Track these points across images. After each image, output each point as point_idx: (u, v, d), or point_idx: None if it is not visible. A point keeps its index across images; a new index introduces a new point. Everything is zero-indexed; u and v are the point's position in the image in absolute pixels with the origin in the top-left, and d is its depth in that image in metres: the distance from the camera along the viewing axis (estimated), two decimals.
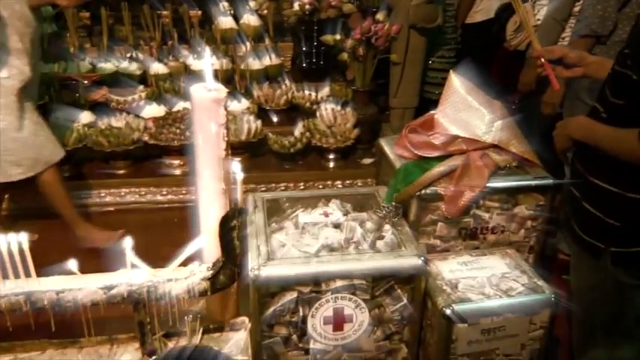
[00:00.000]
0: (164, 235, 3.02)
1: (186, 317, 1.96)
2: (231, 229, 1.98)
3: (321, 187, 3.52)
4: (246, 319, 2.15)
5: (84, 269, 1.69)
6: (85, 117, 3.45)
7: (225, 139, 2.04)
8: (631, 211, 1.54)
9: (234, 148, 3.42)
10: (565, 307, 1.97)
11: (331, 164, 3.64)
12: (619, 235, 1.58)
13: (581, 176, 1.66)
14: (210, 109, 1.96)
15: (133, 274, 1.96)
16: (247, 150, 3.57)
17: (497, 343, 1.95)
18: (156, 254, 2.13)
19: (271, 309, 1.88)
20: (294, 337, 1.95)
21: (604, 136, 1.55)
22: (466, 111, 2.23)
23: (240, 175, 2.07)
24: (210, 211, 2.12)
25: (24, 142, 2.73)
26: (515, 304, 1.90)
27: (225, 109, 1.99)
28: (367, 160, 3.65)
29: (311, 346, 1.97)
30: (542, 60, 1.78)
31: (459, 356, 1.95)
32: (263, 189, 3.38)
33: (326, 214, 2.11)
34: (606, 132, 1.55)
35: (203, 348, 1.17)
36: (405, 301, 1.95)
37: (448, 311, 1.85)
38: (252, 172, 3.44)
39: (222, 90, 1.99)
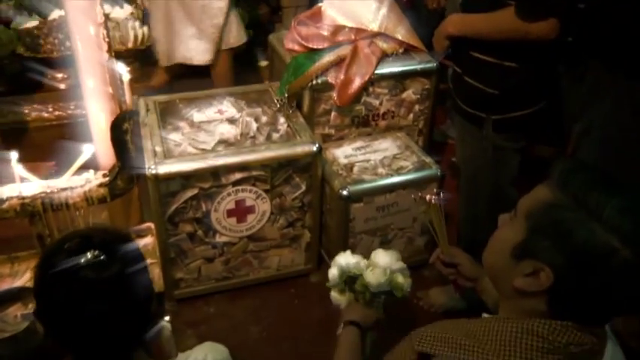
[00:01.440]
0: (56, 154, 2.91)
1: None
2: (123, 132, 1.95)
3: None
4: (151, 224, 2.17)
5: None
6: None
7: (107, 40, 1.96)
8: (507, 80, 1.67)
9: (122, 58, 3.26)
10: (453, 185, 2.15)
11: None
12: (498, 103, 1.72)
13: (462, 52, 1.77)
14: (84, 8, 1.86)
15: (23, 187, 1.90)
16: (136, 59, 3.41)
17: (392, 219, 2.10)
18: (50, 175, 2.06)
19: (173, 207, 1.90)
20: (200, 232, 1.99)
21: (479, 23, 1.66)
22: (352, 0, 2.25)
23: (126, 76, 2.02)
24: (99, 116, 2.06)
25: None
26: (405, 180, 2.04)
27: (102, 7, 1.90)
28: (263, 62, 3.62)
29: (217, 239, 2.03)
30: None
31: (357, 234, 2.09)
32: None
33: (220, 112, 2.11)
34: (481, 19, 1.65)
35: (111, 228, 1.16)
36: (303, 188, 2.03)
37: (344, 192, 1.95)
38: (144, 83, 3.31)
39: None
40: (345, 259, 1.48)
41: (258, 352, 2.00)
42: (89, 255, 0.86)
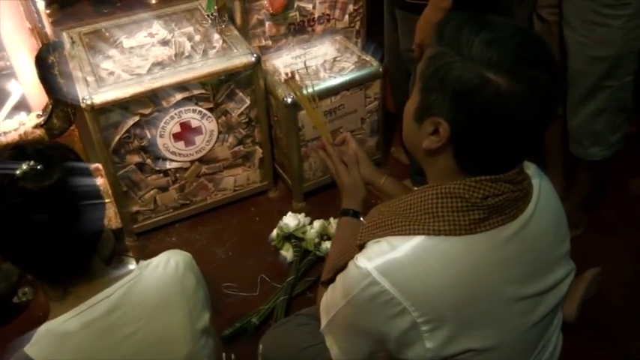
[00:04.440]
0: None
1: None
2: (49, 66, 1.86)
3: None
4: (99, 165, 2.10)
5: None
6: None
7: None
8: None
9: None
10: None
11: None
12: None
13: None
14: None
15: None
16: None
17: (341, 122, 2.10)
18: None
19: (116, 138, 1.85)
20: (148, 161, 1.95)
21: None
22: None
23: (41, 5, 1.89)
24: (21, 56, 1.95)
25: None
26: (349, 80, 2.02)
27: None
28: None
29: (167, 166, 1.99)
30: None
31: (308, 142, 2.08)
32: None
33: (151, 35, 2.03)
34: None
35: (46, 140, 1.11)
36: (248, 102, 2.00)
37: (289, 99, 1.93)
38: (68, 24, 3.13)
39: None
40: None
41: (225, 271, 2.01)
42: (24, 166, 0.82)
